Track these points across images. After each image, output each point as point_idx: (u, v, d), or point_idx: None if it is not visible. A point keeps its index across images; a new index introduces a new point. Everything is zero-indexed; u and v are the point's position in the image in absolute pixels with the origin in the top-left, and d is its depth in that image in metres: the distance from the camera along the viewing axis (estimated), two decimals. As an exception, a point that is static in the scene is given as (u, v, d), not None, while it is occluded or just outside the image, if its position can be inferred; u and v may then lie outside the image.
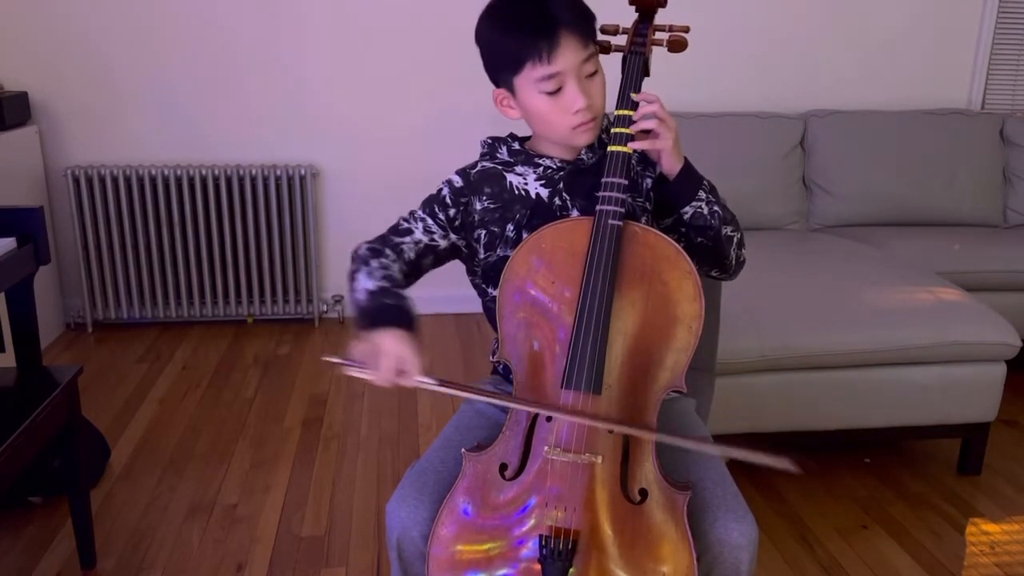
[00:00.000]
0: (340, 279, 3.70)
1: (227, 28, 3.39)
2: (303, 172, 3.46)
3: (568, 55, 1.28)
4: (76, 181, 3.34)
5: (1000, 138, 3.55)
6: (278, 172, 3.44)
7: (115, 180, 3.37)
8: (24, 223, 1.92)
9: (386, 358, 1.18)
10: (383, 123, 3.55)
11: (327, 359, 1.20)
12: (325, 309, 3.68)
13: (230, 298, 3.56)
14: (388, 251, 1.38)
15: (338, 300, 3.70)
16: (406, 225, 1.41)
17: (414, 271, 1.42)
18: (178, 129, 3.46)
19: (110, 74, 3.38)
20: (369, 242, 1.40)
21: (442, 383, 1.20)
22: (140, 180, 3.38)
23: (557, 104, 1.31)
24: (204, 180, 3.41)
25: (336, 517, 2.27)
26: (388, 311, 1.25)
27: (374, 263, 1.34)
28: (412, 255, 1.39)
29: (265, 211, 3.47)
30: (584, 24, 1.29)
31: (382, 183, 3.59)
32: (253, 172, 3.43)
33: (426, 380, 1.17)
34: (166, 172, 3.38)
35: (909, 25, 3.69)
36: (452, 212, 1.40)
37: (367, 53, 3.48)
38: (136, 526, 2.21)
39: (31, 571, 2.03)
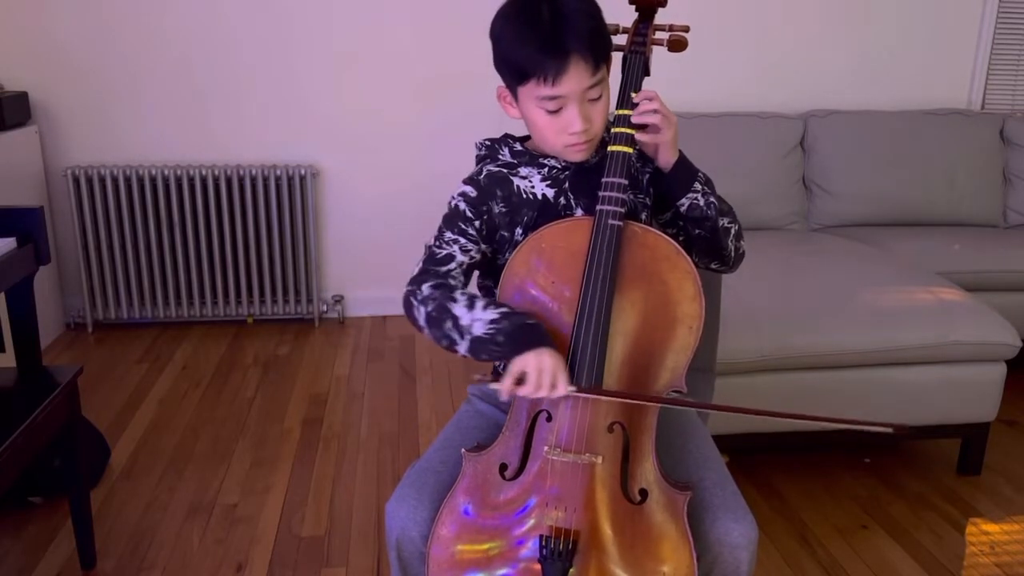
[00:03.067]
0: (340, 279, 3.70)
1: (227, 28, 3.39)
2: (303, 172, 3.46)
3: (574, 81, 1.25)
4: (76, 181, 3.34)
5: (1000, 138, 3.55)
6: (278, 172, 3.44)
7: (115, 180, 3.37)
8: (24, 223, 1.92)
9: (547, 374, 1.18)
10: (383, 123, 3.55)
11: (477, 378, 1.23)
12: (325, 309, 3.68)
13: (230, 298, 3.56)
14: (449, 281, 1.32)
15: (338, 300, 3.70)
16: (444, 252, 1.34)
17: None
18: (178, 129, 3.46)
19: (110, 74, 3.38)
20: (424, 280, 1.32)
21: (584, 391, 1.22)
22: (140, 180, 3.38)
23: (555, 122, 1.30)
24: (204, 180, 3.41)
25: (336, 517, 2.27)
26: (533, 329, 1.21)
27: (460, 297, 1.27)
28: (462, 279, 1.35)
29: (265, 211, 3.47)
30: (597, 51, 1.26)
31: (382, 183, 3.60)
32: (253, 172, 3.43)
33: (572, 389, 1.20)
34: (166, 172, 3.38)
35: (909, 25, 3.69)
36: (477, 224, 1.36)
37: (367, 53, 3.48)
38: (136, 526, 2.21)
39: (31, 571, 2.03)
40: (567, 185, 1.38)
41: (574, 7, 1.25)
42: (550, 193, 1.37)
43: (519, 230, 1.37)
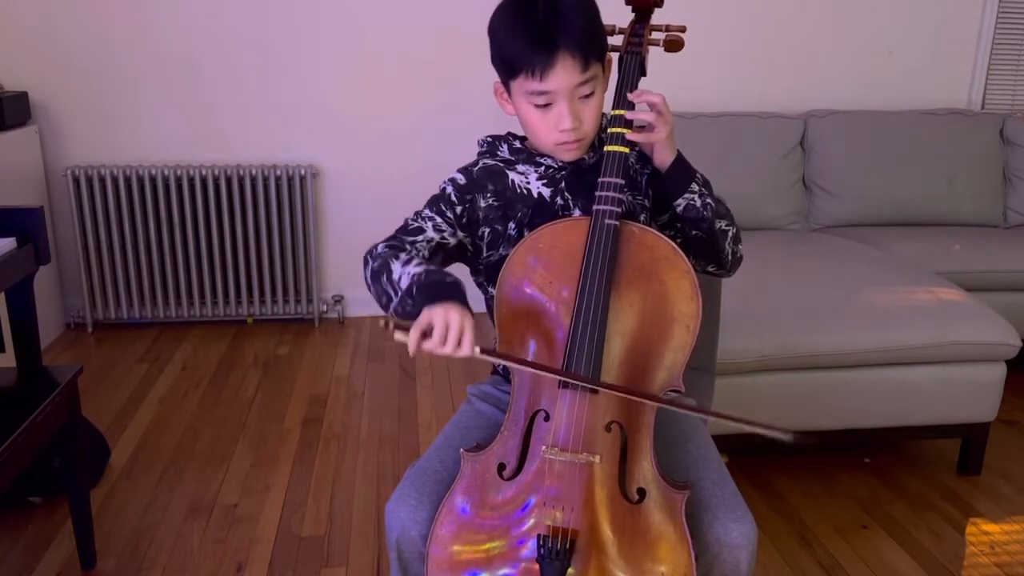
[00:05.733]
0: (340, 279, 3.70)
1: (228, 28, 3.39)
2: (303, 172, 3.46)
3: (562, 77, 1.26)
4: (76, 181, 3.34)
5: (1000, 138, 3.55)
6: (278, 172, 3.44)
7: (115, 180, 3.37)
8: (24, 223, 1.92)
9: (453, 330, 1.15)
10: (383, 123, 3.55)
11: (384, 322, 1.17)
12: (325, 309, 3.68)
13: (230, 298, 3.56)
14: (409, 247, 1.33)
15: (338, 300, 3.70)
16: (416, 224, 1.37)
17: None
18: (178, 129, 3.46)
19: (110, 74, 3.38)
20: (384, 242, 1.34)
21: (489, 353, 1.20)
22: (140, 180, 3.38)
23: (545, 118, 1.31)
24: (204, 180, 3.41)
25: (336, 517, 2.27)
26: (450, 287, 1.20)
27: (403, 255, 1.28)
28: (426, 253, 1.35)
29: (265, 211, 3.48)
30: (588, 49, 1.26)
31: (382, 183, 3.60)
32: (253, 172, 3.43)
33: (478, 350, 1.17)
34: (166, 172, 3.38)
35: (909, 25, 3.69)
36: (459, 210, 1.38)
37: (367, 53, 3.48)
38: (136, 526, 2.21)
39: (31, 571, 2.03)
40: (564, 185, 1.38)
41: (570, 4, 1.26)
42: (546, 192, 1.38)
43: (512, 225, 1.38)
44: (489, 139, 1.45)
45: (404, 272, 1.25)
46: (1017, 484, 2.51)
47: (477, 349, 1.17)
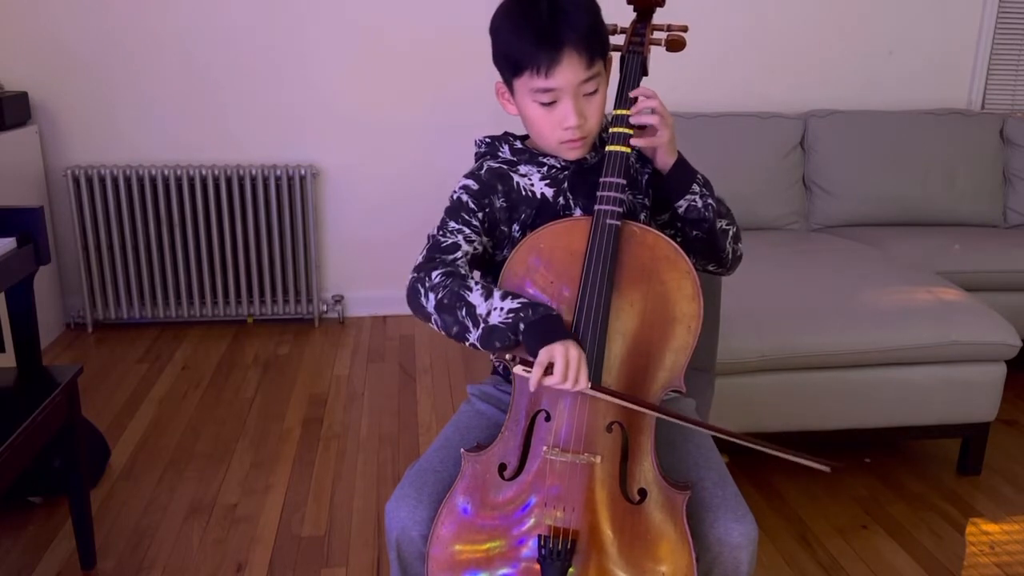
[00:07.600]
0: (340, 279, 3.71)
1: (228, 28, 3.39)
2: (303, 172, 3.46)
3: (567, 74, 1.26)
4: (76, 181, 3.34)
5: (1000, 138, 3.55)
6: (278, 172, 3.44)
7: (115, 180, 3.37)
8: (24, 223, 1.92)
9: (573, 366, 1.17)
10: (383, 123, 3.55)
11: (510, 357, 1.22)
12: (325, 309, 3.68)
13: (230, 298, 3.56)
14: (459, 270, 1.30)
15: (338, 300, 3.70)
16: (449, 241, 1.33)
17: None
18: (178, 129, 3.46)
19: (110, 74, 3.38)
20: (430, 267, 1.30)
21: (598, 389, 1.22)
22: (140, 180, 3.38)
23: (549, 116, 1.31)
24: (204, 180, 3.41)
25: (336, 517, 2.27)
26: (556, 320, 1.21)
27: (475, 285, 1.25)
28: (467, 269, 1.33)
29: (265, 211, 3.48)
30: (592, 46, 1.27)
31: (382, 183, 3.60)
32: (253, 172, 3.43)
33: (590, 385, 1.20)
34: (166, 172, 3.38)
35: (909, 25, 3.69)
36: (480, 216, 1.36)
37: (368, 53, 3.48)
38: (136, 526, 2.21)
39: (31, 571, 2.03)
40: (566, 185, 1.38)
41: (573, 1, 1.26)
42: (549, 192, 1.37)
43: (516, 227, 1.38)
44: (487, 140, 1.44)
45: (492, 306, 1.23)
46: (1017, 484, 2.51)
47: (588, 385, 1.20)
